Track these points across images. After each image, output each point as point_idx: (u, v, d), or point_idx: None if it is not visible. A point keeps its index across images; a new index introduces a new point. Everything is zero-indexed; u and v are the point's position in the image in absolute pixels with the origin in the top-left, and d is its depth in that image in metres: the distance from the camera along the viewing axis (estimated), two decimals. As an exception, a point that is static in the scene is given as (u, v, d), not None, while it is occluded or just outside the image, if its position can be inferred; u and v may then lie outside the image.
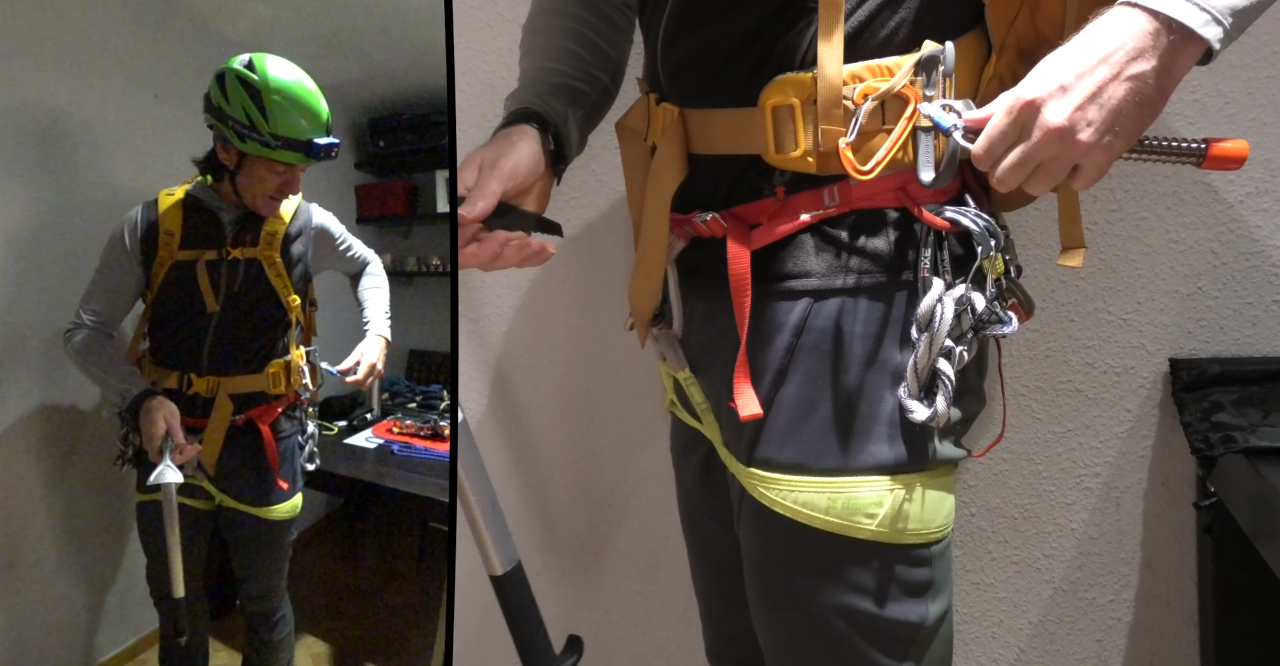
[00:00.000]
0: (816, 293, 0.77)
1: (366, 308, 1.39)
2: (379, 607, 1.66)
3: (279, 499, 1.30)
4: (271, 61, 1.18)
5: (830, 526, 0.76)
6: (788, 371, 0.78)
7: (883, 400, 0.76)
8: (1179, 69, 0.63)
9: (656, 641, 1.48)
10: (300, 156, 1.19)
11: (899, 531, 0.76)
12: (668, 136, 0.84)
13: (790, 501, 0.78)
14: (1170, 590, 1.25)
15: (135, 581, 1.33)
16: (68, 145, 1.27)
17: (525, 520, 1.49)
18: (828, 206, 0.76)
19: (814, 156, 0.75)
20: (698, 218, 0.83)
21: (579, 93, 0.97)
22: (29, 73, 1.21)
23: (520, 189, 0.86)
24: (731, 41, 0.78)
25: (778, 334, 0.78)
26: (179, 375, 1.24)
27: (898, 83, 0.72)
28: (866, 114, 0.72)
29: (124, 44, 1.30)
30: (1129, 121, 0.64)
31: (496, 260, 0.84)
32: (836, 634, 0.79)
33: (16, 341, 1.25)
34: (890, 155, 0.72)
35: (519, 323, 1.43)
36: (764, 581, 0.85)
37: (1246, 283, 1.16)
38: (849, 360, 0.76)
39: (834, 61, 0.72)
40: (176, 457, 1.16)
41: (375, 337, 1.35)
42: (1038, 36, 0.75)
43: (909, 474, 0.76)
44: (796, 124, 0.75)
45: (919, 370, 0.74)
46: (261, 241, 1.24)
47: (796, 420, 0.78)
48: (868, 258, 0.76)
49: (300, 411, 1.34)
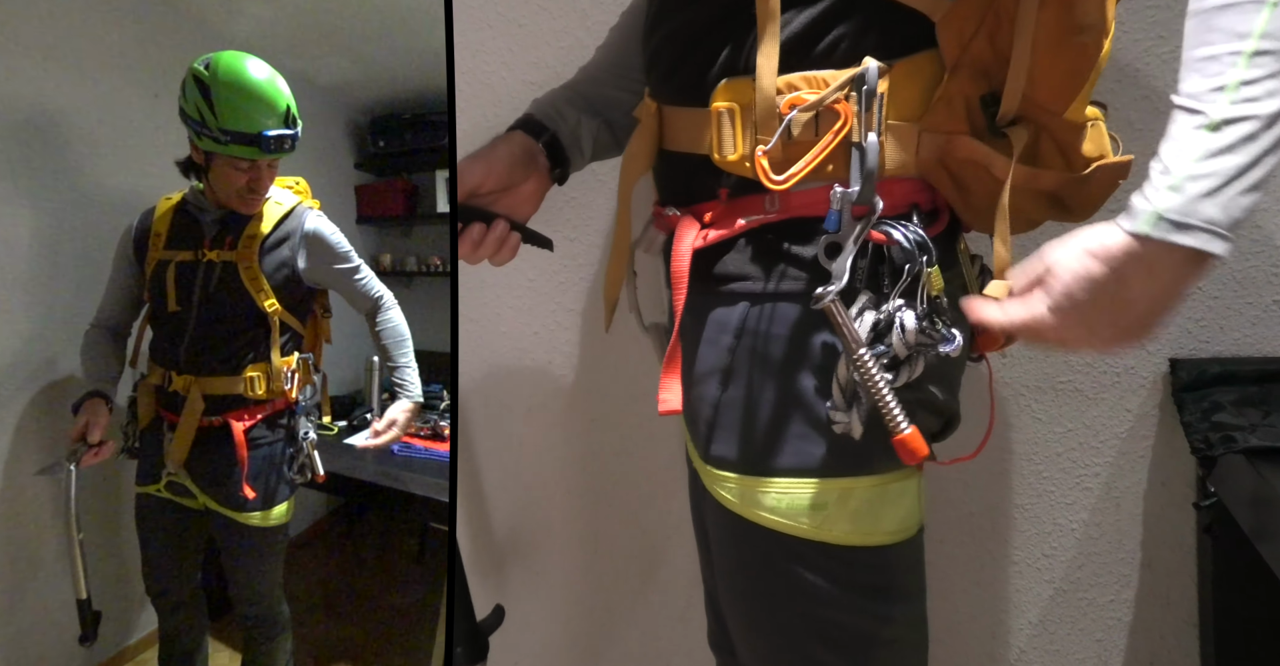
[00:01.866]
0: (754, 296, 0.78)
1: (397, 366, 1.35)
2: (379, 607, 1.66)
3: (251, 506, 1.29)
4: (230, 58, 1.18)
5: (778, 526, 0.77)
6: (731, 372, 0.79)
7: (814, 404, 0.76)
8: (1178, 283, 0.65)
9: (656, 641, 1.48)
10: (252, 150, 1.18)
11: (846, 533, 0.76)
12: (642, 129, 0.86)
13: (739, 499, 0.79)
14: (1170, 590, 1.25)
15: (136, 581, 1.33)
16: (68, 146, 1.27)
17: (525, 520, 1.49)
18: (768, 212, 0.77)
19: (750, 161, 0.75)
20: (668, 211, 0.86)
21: (610, 100, 0.99)
22: (29, 73, 1.21)
23: (495, 188, 0.91)
24: (686, 41, 0.80)
25: (720, 335, 0.79)
26: (163, 372, 1.25)
27: (827, 97, 0.72)
28: (797, 124, 0.72)
29: (124, 44, 1.30)
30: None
31: (478, 253, 0.90)
32: (795, 631, 0.79)
33: (18, 342, 1.25)
34: (809, 168, 0.72)
35: (519, 323, 1.43)
36: (727, 576, 0.86)
37: (1246, 283, 1.16)
38: (785, 364, 0.76)
39: (769, 70, 0.73)
40: (89, 459, 1.21)
41: (408, 403, 1.33)
42: (997, 59, 0.74)
43: (851, 477, 0.76)
44: (736, 128, 0.75)
45: (841, 381, 0.74)
46: (240, 244, 1.23)
47: (739, 421, 0.79)
48: (801, 265, 0.76)
49: (290, 419, 1.33)
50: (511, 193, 0.92)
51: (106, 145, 1.30)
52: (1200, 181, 0.61)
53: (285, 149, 1.20)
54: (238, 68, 1.17)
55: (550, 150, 0.94)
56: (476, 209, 0.89)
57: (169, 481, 1.27)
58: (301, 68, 1.23)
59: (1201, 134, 0.60)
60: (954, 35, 0.73)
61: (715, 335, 0.80)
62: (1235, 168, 0.60)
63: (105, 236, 1.28)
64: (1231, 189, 0.60)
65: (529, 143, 0.93)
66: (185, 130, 1.20)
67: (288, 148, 1.20)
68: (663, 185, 0.89)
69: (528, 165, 0.93)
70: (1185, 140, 0.61)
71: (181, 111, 1.19)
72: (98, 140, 1.29)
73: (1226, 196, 0.60)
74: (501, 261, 0.92)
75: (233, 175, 1.20)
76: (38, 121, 1.23)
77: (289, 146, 1.20)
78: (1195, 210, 0.61)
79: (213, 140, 1.17)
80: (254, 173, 1.21)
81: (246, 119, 1.17)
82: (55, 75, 1.23)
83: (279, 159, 1.22)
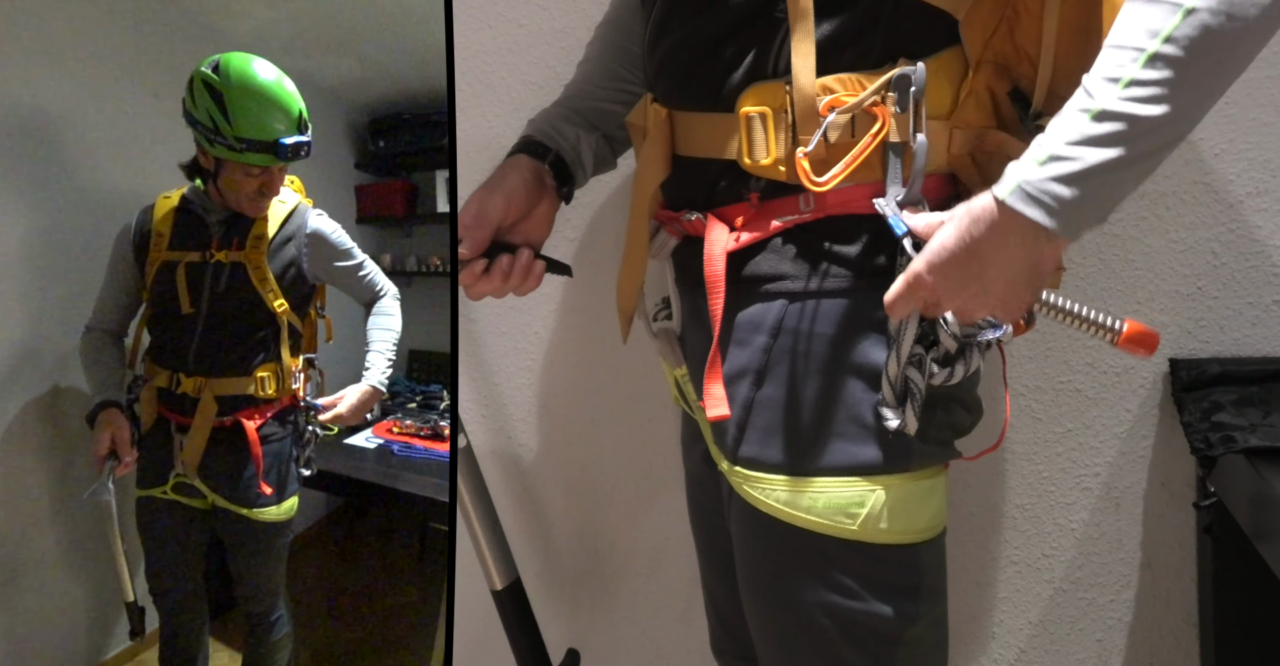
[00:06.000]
0: (792, 295, 0.78)
1: (370, 349, 1.34)
2: (379, 608, 1.66)
3: (266, 502, 1.29)
4: (239, 62, 1.16)
5: (814, 526, 0.77)
6: (766, 372, 0.79)
7: (860, 402, 0.76)
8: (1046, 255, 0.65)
9: (656, 641, 1.48)
10: (268, 157, 1.17)
11: (881, 531, 0.76)
12: (653, 136, 0.85)
13: (774, 500, 0.79)
14: (1170, 590, 1.24)
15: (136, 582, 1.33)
16: (67, 146, 1.27)
17: (525, 520, 1.49)
18: (802, 212, 0.77)
19: (785, 165, 0.76)
20: (685, 216, 0.85)
21: (604, 113, 0.99)
22: (29, 73, 1.21)
23: (517, 218, 0.91)
24: (702, 47, 0.80)
25: (755, 335, 0.79)
26: (169, 374, 1.25)
27: (865, 99, 0.72)
28: (835, 127, 0.73)
29: (124, 44, 1.30)
30: (1019, 295, 0.68)
31: (506, 285, 0.89)
32: (822, 632, 0.79)
33: (17, 342, 1.25)
34: (849, 170, 0.73)
35: (518, 323, 1.43)
36: (752, 578, 0.85)
37: (1246, 283, 1.16)
38: (825, 362, 0.77)
39: (807, 72, 0.73)
40: (119, 471, 1.20)
41: (365, 385, 1.31)
42: (1017, 53, 0.76)
43: (889, 475, 0.76)
44: (769, 132, 0.75)
45: (891, 377, 0.74)
46: (248, 245, 1.23)
47: (776, 420, 0.78)
48: (842, 262, 0.77)
49: (297, 416, 1.33)
50: (527, 218, 0.92)
51: (106, 145, 1.30)
52: (1063, 163, 0.61)
53: (301, 156, 1.20)
54: (250, 73, 1.16)
55: (555, 169, 0.94)
56: (500, 243, 0.89)
57: (176, 482, 1.27)
58: (302, 68, 1.23)
59: (1083, 119, 0.61)
60: (977, 32, 0.75)
61: (747, 336, 0.80)
62: (1101, 160, 0.60)
63: (104, 236, 1.27)
64: (1090, 178, 0.60)
65: (535, 165, 0.93)
66: (185, 130, 1.20)
67: (304, 155, 1.20)
68: (676, 191, 0.88)
69: (539, 188, 0.93)
70: (1068, 120, 0.62)
71: (189, 115, 1.18)
72: (97, 140, 1.29)
73: (1083, 184, 0.61)
74: (527, 290, 0.91)
75: (244, 181, 1.20)
76: (36, 121, 1.23)
77: (305, 153, 1.20)
78: (1048, 188, 0.61)
79: (226, 147, 1.16)
80: (266, 178, 1.21)
81: (262, 127, 1.16)
82: (54, 75, 1.23)
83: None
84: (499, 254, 0.88)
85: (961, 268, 0.66)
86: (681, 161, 0.86)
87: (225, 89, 1.14)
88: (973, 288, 0.67)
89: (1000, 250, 0.65)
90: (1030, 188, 0.62)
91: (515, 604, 1.17)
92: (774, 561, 0.82)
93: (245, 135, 1.15)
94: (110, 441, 1.19)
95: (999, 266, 0.65)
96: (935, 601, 0.81)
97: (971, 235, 0.65)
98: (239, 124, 1.15)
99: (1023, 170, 0.63)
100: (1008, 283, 0.66)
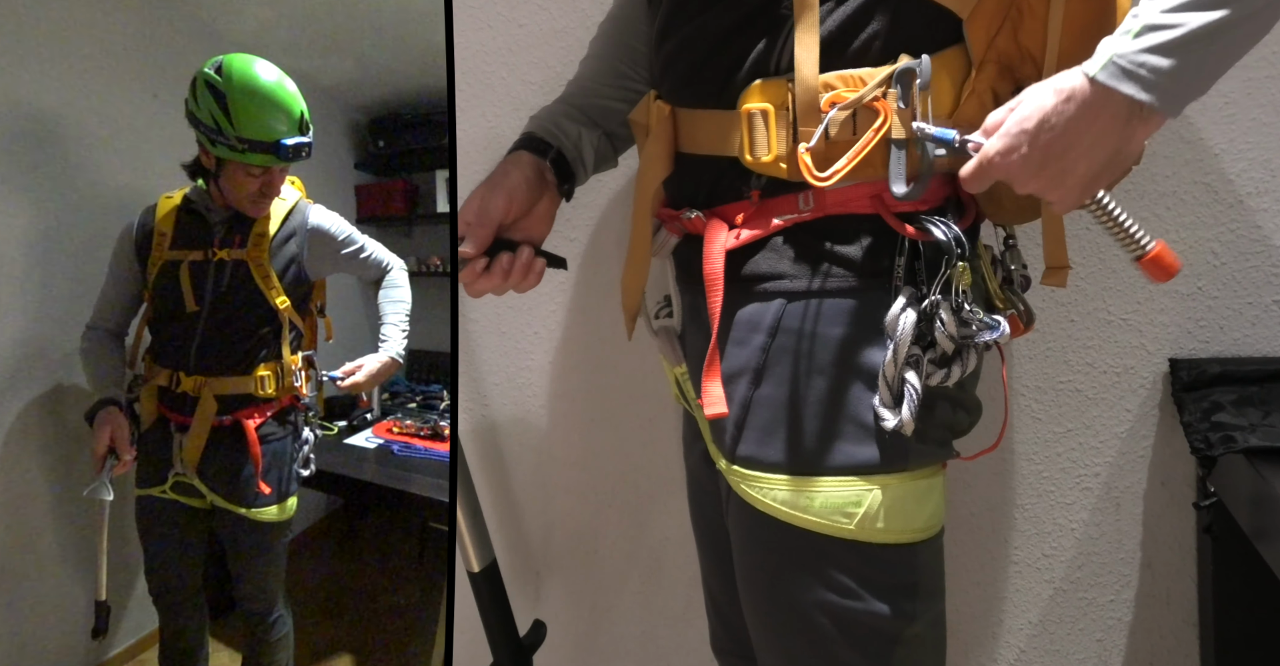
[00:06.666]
0: (790, 294, 0.78)
1: (384, 322, 1.36)
2: (379, 607, 1.66)
3: (265, 502, 1.29)
4: (242, 63, 1.17)
5: (811, 525, 0.77)
6: (764, 371, 0.79)
7: (857, 402, 0.76)
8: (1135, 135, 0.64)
9: (656, 641, 1.48)
10: (270, 158, 1.18)
11: (879, 531, 0.76)
12: (656, 133, 0.85)
13: (772, 499, 0.79)
14: (1170, 590, 1.24)
15: (136, 582, 1.33)
16: (67, 146, 1.27)
17: (525, 520, 1.49)
18: (802, 211, 0.77)
19: (786, 162, 0.75)
20: (686, 214, 0.85)
21: (607, 110, 0.99)
22: (31, 74, 1.21)
23: (518, 215, 0.90)
24: (708, 44, 0.80)
25: (753, 334, 0.79)
26: (169, 373, 1.25)
27: (867, 94, 0.72)
28: (835, 123, 0.73)
29: (124, 45, 1.30)
30: (1097, 178, 0.66)
31: (507, 283, 0.89)
32: (820, 631, 0.79)
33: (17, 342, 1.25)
34: (850, 165, 0.72)
35: (519, 323, 1.43)
36: (750, 577, 0.85)
37: (1246, 283, 1.16)
38: (823, 362, 0.77)
39: (810, 69, 0.73)
40: (118, 470, 1.20)
41: (384, 356, 1.33)
42: (1020, 53, 0.76)
43: (886, 475, 0.76)
44: (770, 129, 0.75)
45: (888, 378, 0.74)
46: (250, 243, 1.23)
47: (774, 420, 0.78)
48: (841, 262, 0.76)
49: (296, 416, 1.34)
50: (527, 216, 0.92)
51: (108, 145, 1.30)
52: (1160, 33, 0.59)
53: (302, 157, 1.20)
54: (252, 74, 1.17)
55: (557, 167, 0.94)
56: (502, 240, 0.89)
57: (175, 482, 1.27)
58: (301, 68, 1.23)
59: None
60: (981, 31, 0.74)
61: (745, 334, 0.80)
62: (1204, 23, 0.58)
63: (105, 236, 1.28)
64: (1190, 46, 0.58)
65: (537, 162, 0.93)
66: (185, 130, 1.20)
67: (305, 155, 1.21)
68: (678, 188, 0.89)
69: (540, 185, 0.93)
70: None
71: (191, 115, 1.18)
72: (97, 140, 1.29)
73: (1183, 53, 0.59)
74: (528, 287, 0.91)
75: (246, 181, 1.20)
76: (39, 121, 1.23)
77: (305, 154, 1.21)
78: (1145, 60, 0.59)
79: (228, 147, 1.17)
80: (267, 178, 1.22)
81: (264, 127, 1.17)
82: (55, 75, 1.23)
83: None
84: (500, 251, 0.88)
85: (1043, 149, 0.64)
86: (684, 159, 0.86)
87: (228, 90, 1.15)
88: (1052, 168, 0.65)
89: (1089, 132, 0.62)
90: (1124, 61, 0.60)
91: (490, 585, 1.18)
92: (772, 560, 0.82)
93: (247, 136, 1.16)
94: (110, 439, 1.20)
95: (1084, 148, 0.63)
96: (933, 600, 0.81)
97: (1059, 114, 0.63)
98: (241, 124, 1.16)
99: (1115, 44, 0.61)
100: (1090, 165, 0.64)
